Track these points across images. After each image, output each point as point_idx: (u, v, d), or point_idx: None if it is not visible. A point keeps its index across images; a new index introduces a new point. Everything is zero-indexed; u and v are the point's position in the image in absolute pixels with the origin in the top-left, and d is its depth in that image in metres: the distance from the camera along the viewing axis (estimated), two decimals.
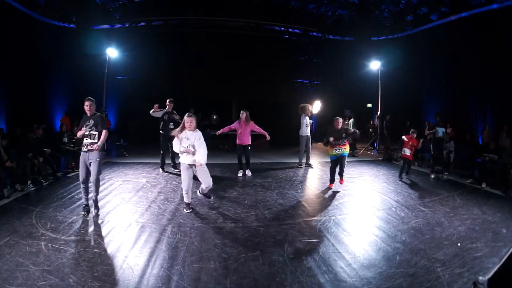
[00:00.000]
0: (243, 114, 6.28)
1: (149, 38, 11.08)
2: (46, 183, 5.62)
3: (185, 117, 4.16)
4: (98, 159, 3.99)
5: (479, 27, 8.44)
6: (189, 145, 4.07)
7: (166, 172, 6.70)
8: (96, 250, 3.03)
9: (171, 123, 6.62)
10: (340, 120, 5.47)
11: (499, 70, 7.89)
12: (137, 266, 2.77)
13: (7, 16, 7.77)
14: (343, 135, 5.32)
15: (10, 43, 7.83)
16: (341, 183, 5.61)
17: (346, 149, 5.42)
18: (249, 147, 6.46)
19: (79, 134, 4.07)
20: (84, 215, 3.98)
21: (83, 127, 4.05)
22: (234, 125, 6.42)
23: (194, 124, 4.14)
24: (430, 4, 9.77)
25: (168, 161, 6.95)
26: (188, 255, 2.98)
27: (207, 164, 4.19)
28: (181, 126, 4.21)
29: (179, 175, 6.40)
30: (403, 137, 6.72)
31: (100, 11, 10.49)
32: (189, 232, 3.53)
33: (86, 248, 3.07)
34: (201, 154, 4.06)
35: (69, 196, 4.85)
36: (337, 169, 5.52)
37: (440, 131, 7.81)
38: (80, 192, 4.38)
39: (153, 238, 3.37)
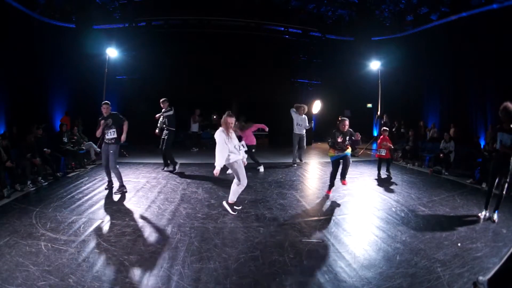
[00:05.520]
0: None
1: (149, 38, 11.08)
2: (46, 183, 5.63)
3: (227, 118, 4.00)
4: (112, 151, 5.02)
5: (479, 27, 8.44)
6: (236, 145, 4.06)
7: (167, 171, 6.71)
8: (96, 250, 3.03)
9: (165, 121, 6.69)
10: (347, 121, 4.91)
11: (499, 70, 7.88)
12: (137, 266, 2.77)
13: (7, 16, 7.77)
14: (347, 137, 4.92)
15: (10, 43, 7.83)
16: (343, 183, 5.17)
17: (348, 149, 5.03)
18: (253, 149, 6.81)
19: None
20: (106, 189, 5.20)
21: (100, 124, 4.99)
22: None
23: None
24: (430, 4, 9.77)
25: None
26: (188, 255, 2.98)
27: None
28: (226, 130, 4.01)
29: (178, 174, 6.47)
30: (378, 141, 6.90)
31: (100, 11, 10.50)
32: (189, 232, 3.52)
33: (86, 248, 3.07)
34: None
35: (69, 196, 4.85)
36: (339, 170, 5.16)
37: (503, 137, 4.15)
38: (80, 193, 5.07)
39: (153, 238, 3.37)
